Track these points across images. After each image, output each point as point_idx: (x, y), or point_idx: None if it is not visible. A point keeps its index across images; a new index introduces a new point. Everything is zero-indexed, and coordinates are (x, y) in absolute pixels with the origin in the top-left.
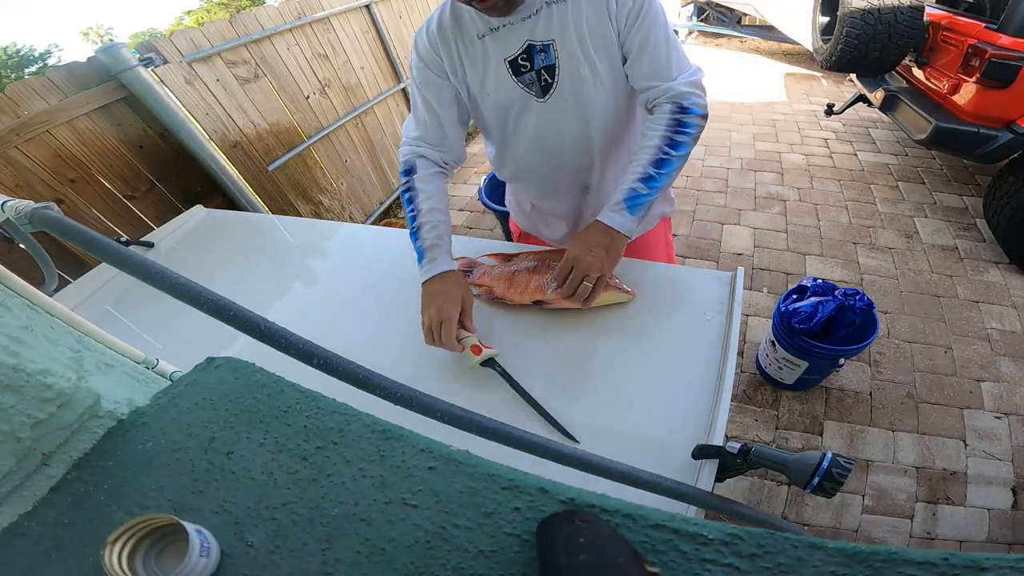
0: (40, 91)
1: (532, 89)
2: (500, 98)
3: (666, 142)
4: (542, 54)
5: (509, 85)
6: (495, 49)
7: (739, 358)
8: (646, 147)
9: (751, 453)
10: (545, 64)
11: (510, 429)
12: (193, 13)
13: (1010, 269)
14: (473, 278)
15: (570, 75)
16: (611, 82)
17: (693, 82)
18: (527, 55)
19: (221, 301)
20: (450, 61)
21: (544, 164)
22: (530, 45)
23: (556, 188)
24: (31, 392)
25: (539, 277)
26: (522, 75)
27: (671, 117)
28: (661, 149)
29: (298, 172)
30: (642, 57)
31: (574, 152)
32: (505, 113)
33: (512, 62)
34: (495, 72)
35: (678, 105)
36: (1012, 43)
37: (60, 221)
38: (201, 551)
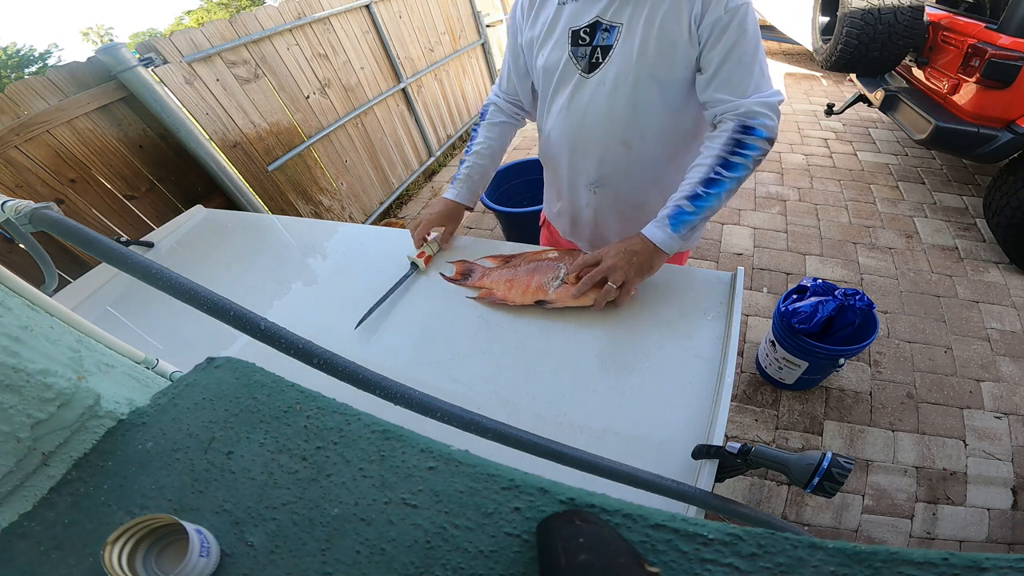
0: (40, 91)
1: (580, 63)
2: (550, 61)
3: (720, 162)
4: (605, 33)
5: (563, 52)
6: (567, 17)
7: (739, 358)
8: (699, 164)
9: (751, 453)
10: (604, 43)
11: (510, 429)
12: (193, 13)
13: (1010, 269)
14: (472, 280)
15: (620, 63)
16: (664, 87)
17: (767, 103)
18: (591, 30)
19: (221, 301)
20: (533, 18)
21: (567, 141)
22: (597, 22)
23: (570, 171)
24: (31, 392)
25: (539, 277)
26: (578, 46)
27: (732, 136)
28: (713, 168)
29: (298, 172)
30: (719, 71)
31: (591, 139)
32: (548, 79)
33: (575, 32)
34: (558, 37)
35: (742, 124)
36: (1012, 43)
37: (60, 221)
38: (201, 551)
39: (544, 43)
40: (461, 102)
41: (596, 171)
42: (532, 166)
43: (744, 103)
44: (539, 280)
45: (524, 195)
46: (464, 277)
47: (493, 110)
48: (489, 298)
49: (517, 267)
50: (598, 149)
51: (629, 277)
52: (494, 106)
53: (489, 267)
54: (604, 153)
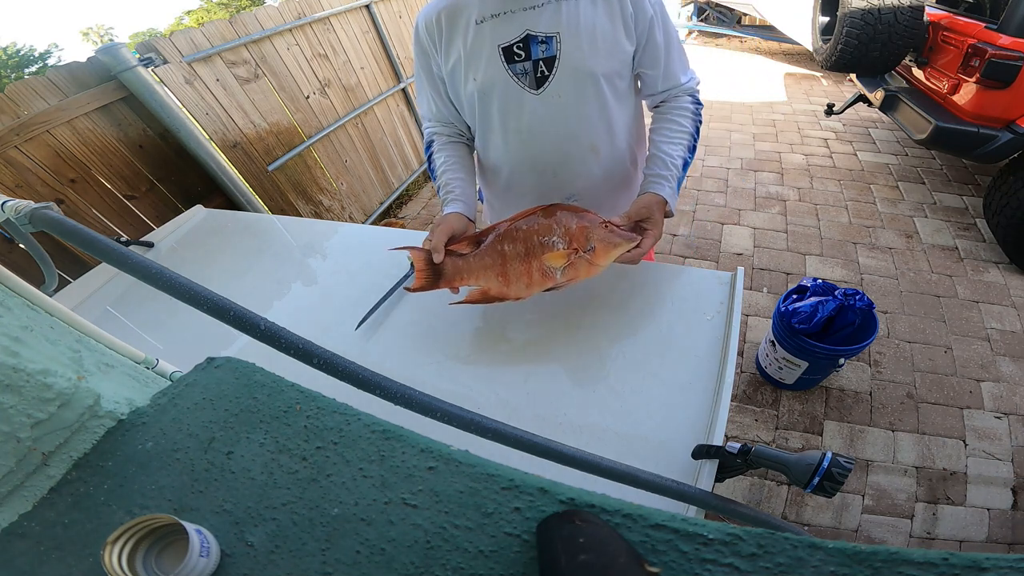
0: (40, 91)
1: (524, 80)
2: (485, 84)
3: (694, 128)
4: (542, 45)
5: (497, 71)
6: (491, 35)
7: (739, 358)
8: (681, 131)
9: (751, 453)
10: (545, 55)
11: (510, 429)
12: (193, 13)
13: (1010, 269)
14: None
15: (572, 70)
16: (614, 84)
17: (697, 80)
18: (524, 44)
19: (221, 301)
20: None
21: (528, 165)
22: (529, 35)
23: (536, 195)
24: (31, 392)
25: (537, 262)
26: (514, 63)
27: (694, 106)
28: (692, 136)
29: (298, 172)
30: (663, 64)
31: (560, 156)
32: (487, 103)
33: (506, 49)
34: (487, 57)
35: (694, 97)
36: (1012, 43)
37: (60, 221)
38: (201, 551)
39: (470, 67)
40: None
41: (570, 185)
42: None
43: (689, 83)
44: (539, 265)
45: None
46: (433, 277)
47: (438, 137)
48: (483, 300)
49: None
50: (568, 162)
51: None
52: (437, 135)
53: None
54: (575, 165)
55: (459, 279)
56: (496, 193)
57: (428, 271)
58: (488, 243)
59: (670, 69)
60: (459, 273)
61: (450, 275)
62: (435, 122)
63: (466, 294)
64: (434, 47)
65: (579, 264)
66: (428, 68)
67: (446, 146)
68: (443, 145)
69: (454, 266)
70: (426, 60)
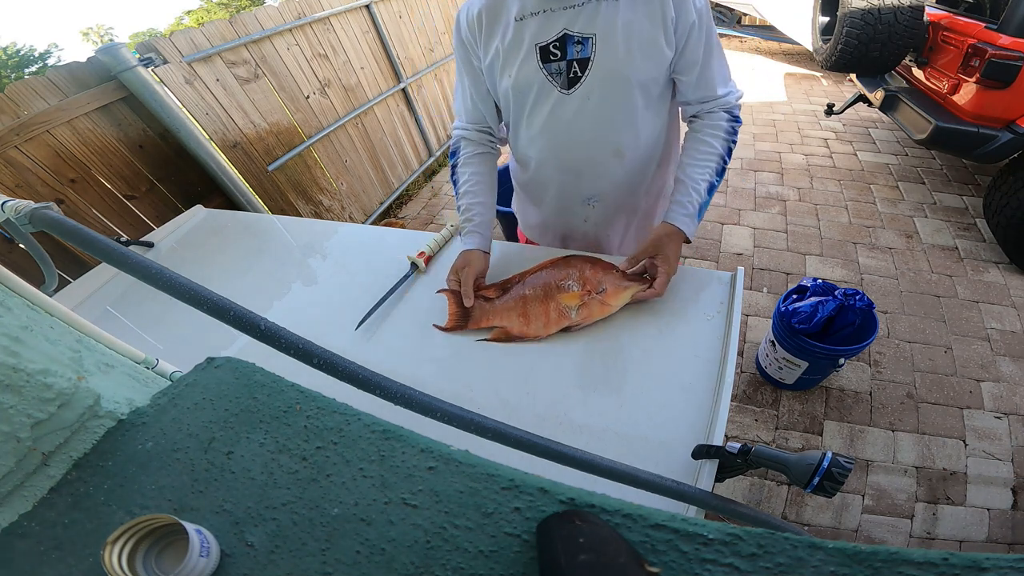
0: (40, 91)
1: (557, 80)
2: (520, 81)
3: (726, 150)
4: (578, 46)
5: (533, 70)
6: (531, 33)
7: (739, 358)
8: (710, 153)
9: (751, 453)
10: (579, 56)
11: (510, 429)
12: (193, 13)
13: (1010, 269)
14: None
15: (605, 73)
16: (647, 90)
17: (738, 95)
18: (560, 44)
19: (221, 301)
20: (485, 41)
21: (554, 163)
22: (566, 35)
23: (560, 193)
24: (31, 392)
25: (554, 303)
26: (549, 63)
27: (729, 124)
28: (723, 158)
29: (298, 172)
30: (698, 71)
31: (583, 157)
32: (521, 100)
33: (543, 48)
34: (524, 55)
35: (731, 114)
36: (1012, 43)
37: (60, 221)
38: (201, 551)
39: (508, 63)
40: None
41: (592, 186)
42: None
43: (728, 99)
44: (556, 305)
45: None
46: (463, 319)
47: (464, 144)
48: (505, 338)
49: (521, 293)
50: (591, 164)
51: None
52: (464, 140)
53: (485, 301)
54: (598, 167)
55: (486, 320)
56: (523, 183)
57: (459, 313)
58: (513, 289)
59: (705, 77)
60: (486, 315)
61: (478, 317)
62: (467, 122)
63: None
64: (474, 41)
65: (592, 304)
66: (468, 61)
67: (472, 160)
68: (469, 159)
69: (482, 309)
70: (465, 53)
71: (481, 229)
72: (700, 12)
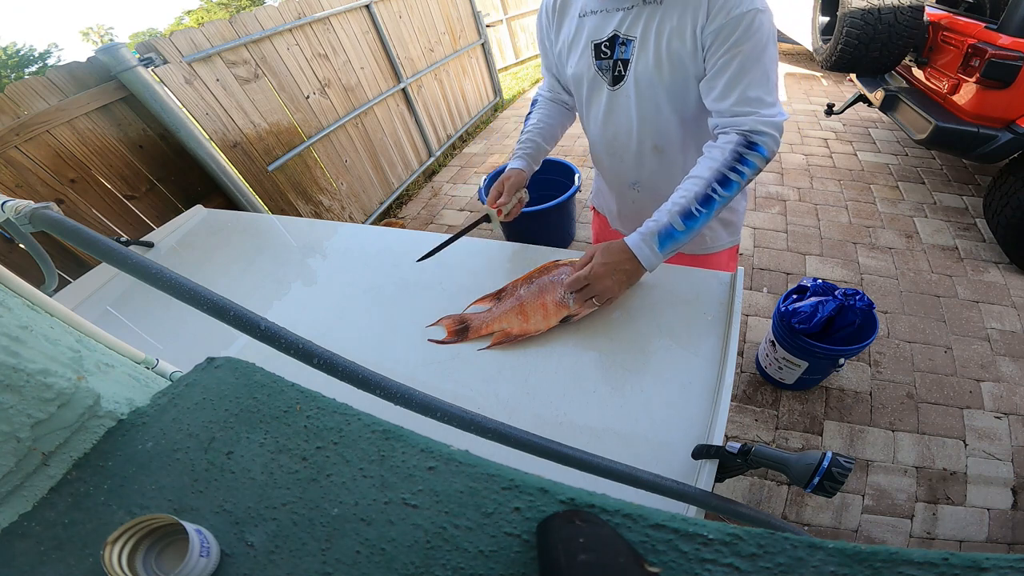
0: (40, 91)
1: (605, 76)
2: (577, 73)
3: (718, 177)
4: (623, 47)
5: (587, 64)
6: (589, 30)
7: (739, 358)
8: (697, 177)
9: (751, 453)
10: (623, 57)
11: (510, 429)
12: (193, 13)
13: (1010, 269)
14: (474, 332)
15: (638, 75)
16: (677, 100)
17: (772, 123)
18: (610, 43)
19: (221, 301)
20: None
21: (603, 147)
22: (616, 35)
23: (611, 172)
24: (31, 392)
25: (551, 295)
26: (601, 60)
27: (735, 150)
28: (710, 184)
29: (298, 172)
30: (718, 80)
31: (626, 147)
32: (579, 88)
33: (597, 46)
34: (582, 49)
35: (746, 139)
36: (1012, 43)
37: (60, 221)
38: (201, 551)
39: (570, 54)
40: (461, 102)
41: (635, 174)
42: None
43: (747, 120)
44: (553, 297)
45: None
46: (461, 333)
47: (541, 100)
48: (506, 340)
49: (516, 295)
50: (634, 156)
51: (615, 293)
52: (542, 98)
53: (485, 310)
54: (640, 159)
55: (485, 328)
56: (592, 160)
57: (456, 330)
58: (506, 295)
59: (729, 92)
60: (484, 324)
61: (477, 327)
62: (547, 91)
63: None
64: (549, 26)
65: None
66: (544, 44)
67: (544, 108)
68: (543, 107)
69: (479, 319)
70: (542, 37)
71: (528, 158)
72: (737, 19)
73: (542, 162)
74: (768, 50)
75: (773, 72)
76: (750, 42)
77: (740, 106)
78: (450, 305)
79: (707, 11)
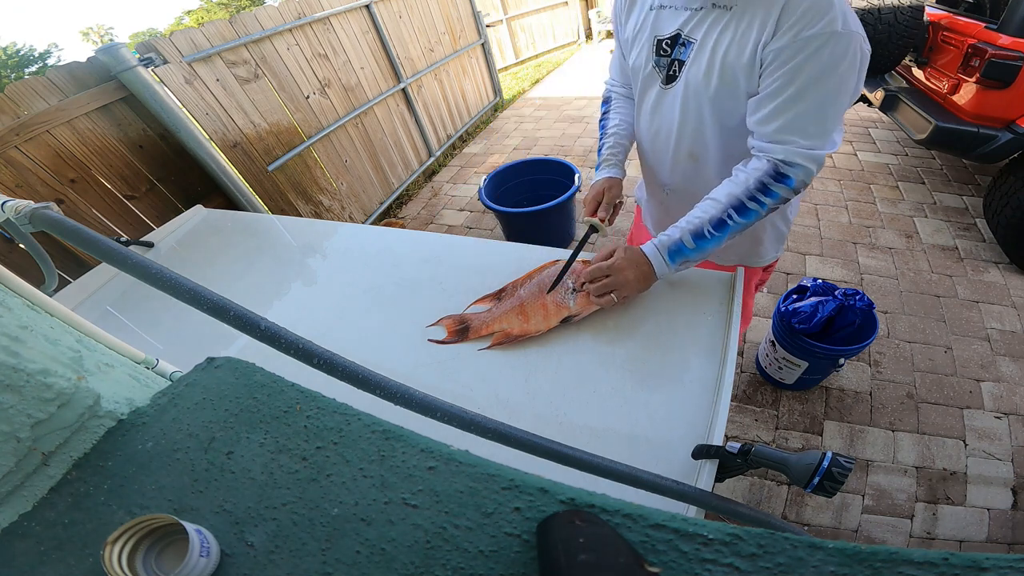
0: (40, 91)
1: (660, 73)
2: (637, 64)
3: (735, 203)
4: (682, 48)
5: (646, 58)
6: (654, 24)
7: (739, 358)
8: (715, 200)
9: (751, 453)
10: (679, 58)
11: (510, 429)
12: (193, 13)
13: (1010, 269)
14: (474, 332)
15: (688, 79)
16: (724, 112)
17: (811, 156)
18: (671, 42)
19: (221, 301)
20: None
21: (646, 143)
22: (679, 35)
23: (648, 169)
24: (31, 392)
25: (552, 296)
26: (660, 56)
27: (760, 179)
28: (727, 210)
29: (298, 172)
30: (767, 103)
31: (664, 148)
32: (636, 79)
33: (659, 42)
34: (646, 42)
35: (776, 170)
36: (1012, 43)
37: (60, 221)
38: (201, 551)
39: (634, 45)
40: (461, 102)
41: (668, 176)
42: (531, 166)
43: (783, 149)
44: (554, 298)
45: (523, 195)
46: (461, 333)
47: (615, 97)
48: (507, 341)
49: (516, 295)
50: (670, 158)
51: (631, 295)
52: (615, 94)
53: (486, 310)
54: (675, 163)
55: (485, 328)
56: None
57: (457, 330)
58: (506, 295)
59: (772, 114)
60: (484, 324)
61: (477, 327)
62: (617, 83)
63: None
64: (621, 14)
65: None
66: (617, 29)
67: (622, 108)
68: (620, 106)
69: (479, 319)
70: (616, 23)
71: (619, 165)
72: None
73: (541, 162)
74: (832, 78)
75: (835, 103)
76: (813, 67)
77: (781, 134)
78: (450, 305)
79: (775, 27)
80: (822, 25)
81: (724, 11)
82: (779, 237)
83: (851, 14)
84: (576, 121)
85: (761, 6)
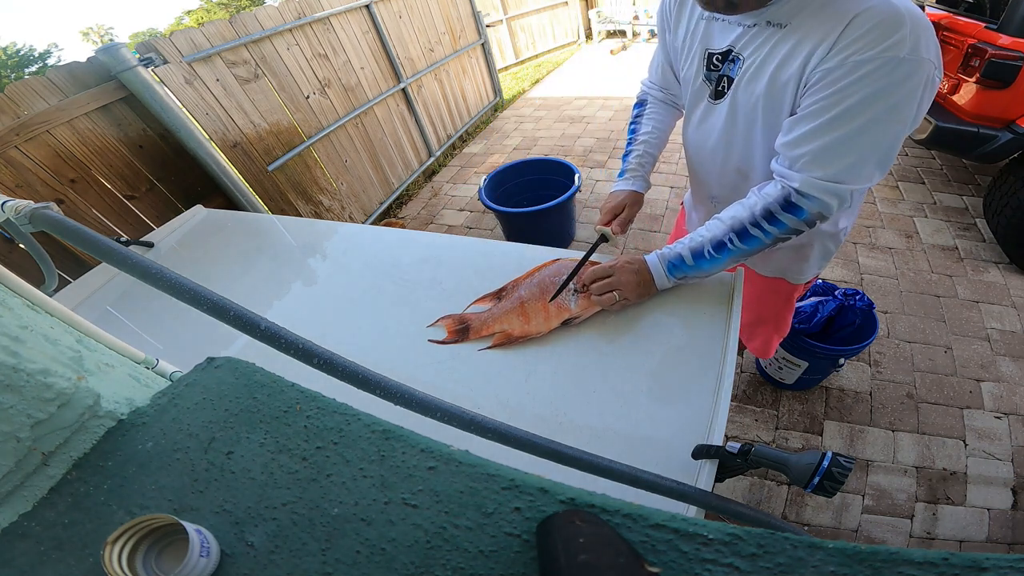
0: (40, 91)
1: (709, 87)
2: (687, 76)
3: (737, 228)
4: (732, 64)
5: (696, 71)
6: (705, 35)
7: (739, 358)
8: (720, 220)
9: (751, 453)
10: (729, 74)
11: (510, 429)
12: (193, 13)
13: (1010, 269)
14: (474, 332)
15: (737, 96)
16: (769, 126)
17: (828, 188)
18: (722, 57)
19: (221, 301)
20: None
21: (693, 154)
22: (730, 51)
23: (696, 180)
24: (31, 392)
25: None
26: (710, 71)
27: (767, 207)
28: (728, 234)
29: (298, 172)
30: (801, 125)
31: (712, 161)
32: (685, 90)
33: (710, 55)
34: (696, 54)
35: (786, 200)
36: (1012, 43)
37: (60, 221)
38: (201, 551)
39: (683, 55)
40: (461, 102)
41: (717, 188)
42: (531, 167)
43: (804, 179)
44: (556, 300)
45: (524, 195)
46: (461, 334)
47: (651, 100)
48: (507, 341)
49: (517, 296)
50: (718, 172)
51: (631, 298)
52: (651, 98)
53: (483, 311)
54: (723, 177)
55: (486, 329)
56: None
57: (457, 330)
58: (507, 295)
59: (803, 138)
60: (484, 324)
61: (477, 327)
62: (654, 83)
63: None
64: (670, 18)
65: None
66: (663, 32)
67: (655, 112)
68: (654, 111)
69: (479, 319)
70: (663, 24)
71: (644, 178)
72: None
73: (541, 162)
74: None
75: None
76: (862, 93)
77: (805, 160)
78: (450, 305)
79: (830, 46)
80: (883, 48)
81: (778, 29)
82: (826, 255)
83: (925, 38)
84: (576, 121)
85: (821, 23)
